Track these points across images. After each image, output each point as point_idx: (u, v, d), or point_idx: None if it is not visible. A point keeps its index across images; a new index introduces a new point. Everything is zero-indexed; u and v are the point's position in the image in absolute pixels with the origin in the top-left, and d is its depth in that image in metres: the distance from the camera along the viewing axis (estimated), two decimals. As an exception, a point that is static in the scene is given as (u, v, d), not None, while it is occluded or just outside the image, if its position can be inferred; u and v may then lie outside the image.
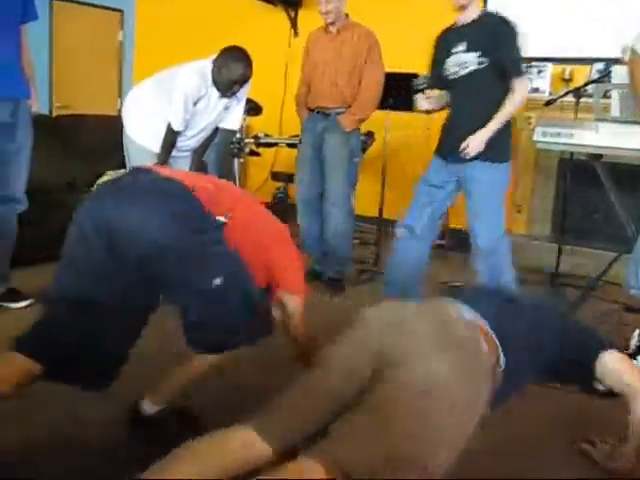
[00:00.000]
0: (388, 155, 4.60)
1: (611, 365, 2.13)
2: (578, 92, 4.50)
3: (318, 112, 4.34)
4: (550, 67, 5.47)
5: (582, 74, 5.35)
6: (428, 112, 3.69)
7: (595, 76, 5.01)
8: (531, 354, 2.07)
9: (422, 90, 3.57)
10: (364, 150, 6.07)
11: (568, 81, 5.47)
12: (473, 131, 3.38)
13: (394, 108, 4.51)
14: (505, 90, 3.38)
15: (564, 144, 4.13)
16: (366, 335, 1.89)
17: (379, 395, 1.69)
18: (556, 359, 2.15)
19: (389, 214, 5.27)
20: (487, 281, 3.55)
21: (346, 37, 4.23)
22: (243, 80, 3.72)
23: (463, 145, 3.38)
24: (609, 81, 4.70)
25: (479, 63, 3.36)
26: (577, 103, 4.51)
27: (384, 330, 1.87)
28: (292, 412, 1.77)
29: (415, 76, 4.29)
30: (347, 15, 4.32)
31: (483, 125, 3.37)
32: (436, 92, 3.61)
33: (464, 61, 3.39)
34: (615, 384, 2.13)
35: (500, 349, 1.94)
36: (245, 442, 1.68)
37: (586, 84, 4.62)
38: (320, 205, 4.43)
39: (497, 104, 3.38)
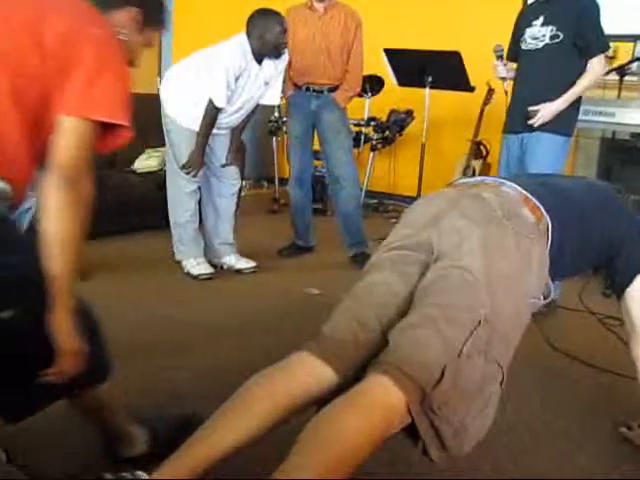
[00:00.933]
0: (427, 134, 4.58)
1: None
2: (622, 70, 4.43)
3: (308, 89, 4.32)
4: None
5: (626, 51, 5.25)
6: (503, 79, 3.74)
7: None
8: (580, 238, 1.97)
9: (501, 57, 3.69)
10: (403, 128, 6.07)
11: (611, 59, 5.36)
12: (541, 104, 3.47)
13: (434, 86, 4.48)
14: (578, 67, 3.44)
15: (606, 123, 4.08)
16: (412, 233, 1.86)
17: (438, 284, 1.66)
18: (606, 252, 2.07)
19: (427, 193, 5.25)
20: None
21: (334, 15, 4.23)
22: (285, 31, 3.74)
23: (532, 110, 3.46)
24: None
25: (552, 37, 3.43)
26: (621, 81, 4.44)
27: (428, 228, 1.83)
28: (349, 325, 1.69)
29: (456, 54, 4.28)
30: None
31: (550, 100, 3.44)
32: (513, 65, 3.71)
33: (540, 34, 3.48)
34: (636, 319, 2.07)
35: (547, 217, 1.86)
36: (306, 368, 1.63)
37: (630, 62, 4.56)
38: (309, 180, 4.49)
39: (567, 80, 3.45)
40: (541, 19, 3.50)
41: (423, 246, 1.79)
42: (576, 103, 3.51)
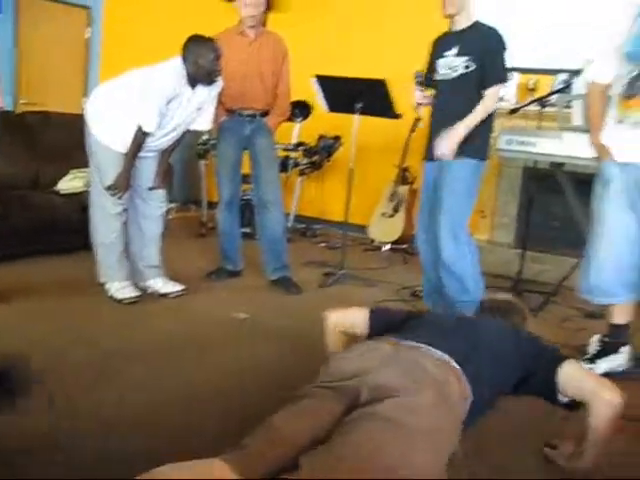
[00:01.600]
0: (355, 159, 4.63)
1: (571, 374, 2.21)
2: (542, 101, 4.59)
3: (241, 114, 4.34)
4: (516, 76, 5.55)
5: (546, 84, 5.44)
6: (419, 105, 3.92)
7: (559, 86, 5.08)
8: (496, 376, 2.18)
9: (420, 83, 3.83)
10: (330, 154, 6.12)
11: (533, 90, 5.56)
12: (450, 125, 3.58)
13: (363, 113, 4.54)
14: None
15: (527, 152, 4.19)
16: (344, 375, 1.98)
17: (358, 427, 1.75)
18: (521, 376, 2.26)
19: (355, 218, 5.30)
20: (452, 289, 3.69)
21: (263, 42, 4.30)
22: (219, 58, 3.74)
23: (435, 148, 3.60)
24: (572, 91, 4.79)
25: (466, 67, 3.55)
26: (541, 112, 4.60)
27: (361, 372, 1.96)
28: (267, 445, 1.77)
29: (382, 83, 4.35)
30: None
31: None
32: (430, 91, 3.85)
33: (454, 64, 3.60)
34: (576, 392, 2.19)
35: (467, 382, 2.03)
36: (216, 473, 1.67)
37: (550, 94, 4.71)
38: (238, 204, 4.50)
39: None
40: (455, 49, 3.61)
41: (351, 391, 1.92)
42: (485, 128, 3.62)
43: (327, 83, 4.58)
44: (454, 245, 3.64)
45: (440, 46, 3.74)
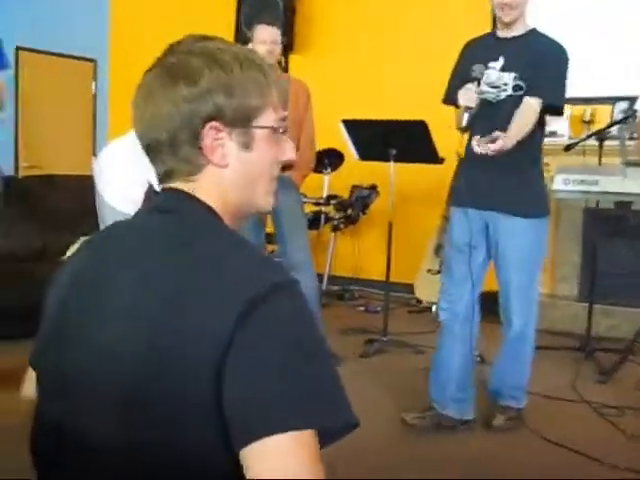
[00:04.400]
0: (394, 210, 4.64)
1: None
2: (601, 134, 4.57)
3: None
4: (569, 108, 5.55)
5: (604, 115, 5.43)
6: (468, 109, 3.19)
7: (619, 116, 5.08)
8: None
9: (477, 80, 3.19)
10: (367, 206, 6.15)
11: (589, 123, 5.55)
12: (502, 177, 3.23)
13: (398, 159, 4.56)
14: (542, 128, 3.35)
15: (588, 192, 4.17)
16: None
17: None
18: None
19: (397, 277, 5.28)
20: (511, 374, 3.46)
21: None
22: None
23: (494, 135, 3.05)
24: (634, 121, 4.78)
25: (515, 88, 3.19)
26: (600, 146, 4.58)
27: None
28: None
29: (421, 123, 4.38)
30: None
31: (513, 171, 3.22)
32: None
33: (501, 82, 3.22)
34: None
35: None
36: None
37: (609, 125, 4.69)
38: None
39: (531, 145, 3.24)
40: (501, 61, 3.23)
41: None
42: (538, 177, 3.36)
43: (355, 128, 4.63)
44: (529, 317, 3.38)
45: (481, 53, 3.31)
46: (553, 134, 5.50)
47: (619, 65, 5.47)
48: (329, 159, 6.01)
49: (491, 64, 3.24)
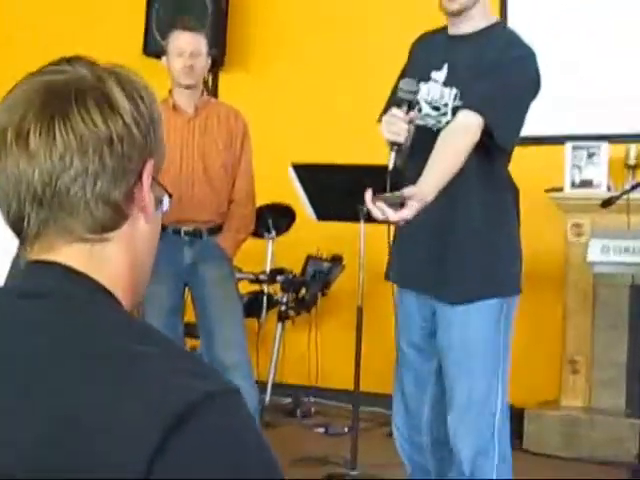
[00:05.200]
0: (366, 291, 4.58)
1: None
2: (652, 184, 4.61)
3: (178, 232, 4.35)
4: (606, 148, 5.60)
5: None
6: (396, 145, 3.08)
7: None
8: None
9: (408, 103, 3.00)
10: (327, 284, 6.11)
11: (634, 168, 5.59)
12: (440, 244, 3.18)
13: (370, 219, 4.53)
14: (499, 171, 3.16)
15: (635, 264, 4.17)
16: None
17: None
18: None
19: (370, 385, 5.23)
20: None
21: (209, 117, 4.41)
22: None
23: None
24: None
25: (456, 111, 3.07)
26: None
27: None
28: None
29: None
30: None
31: (456, 234, 3.14)
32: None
33: (442, 102, 3.12)
34: None
35: None
36: None
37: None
38: None
39: (487, 192, 3.13)
40: (444, 71, 3.13)
41: None
42: (504, 235, 3.23)
43: (311, 175, 4.61)
44: (486, 446, 3.22)
45: (425, 55, 3.27)
46: (586, 184, 5.53)
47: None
48: (274, 218, 5.98)
49: (434, 74, 3.14)
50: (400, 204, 2.73)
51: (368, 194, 2.82)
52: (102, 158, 1.14)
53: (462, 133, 2.94)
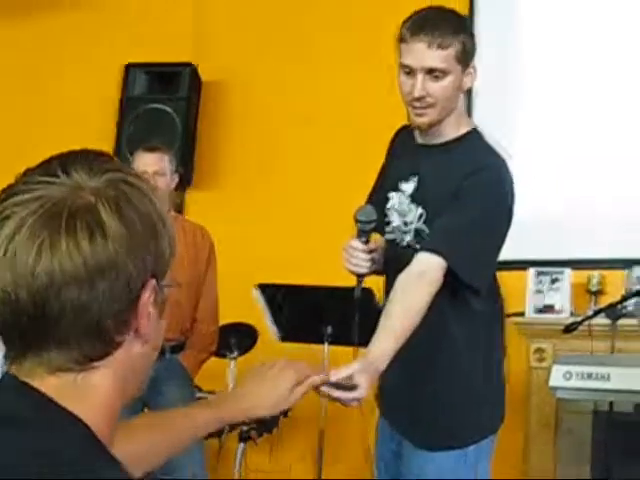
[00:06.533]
0: (327, 414, 4.55)
1: None
2: (614, 310, 4.62)
3: None
4: (568, 274, 5.63)
5: (617, 283, 5.52)
6: (359, 276, 3.04)
7: (636, 286, 5.16)
8: None
9: (364, 233, 2.90)
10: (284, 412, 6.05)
11: (597, 294, 5.62)
12: (410, 380, 2.99)
13: (335, 341, 4.52)
14: (467, 311, 2.90)
15: (598, 390, 4.17)
16: None
17: None
18: None
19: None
20: None
21: (177, 234, 4.36)
22: None
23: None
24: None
25: (417, 235, 2.91)
26: (613, 327, 4.62)
27: None
28: None
29: (367, 290, 4.37)
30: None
31: (427, 379, 2.96)
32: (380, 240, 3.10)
33: (408, 218, 2.93)
34: None
35: None
36: None
37: (625, 298, 4.75)
38: None
39: (461, 334, 2.93)
40: (412, 183, 2.93)
41: None
42: (482, 372, 3.02)
43: (276, 295, 4.61)
44: None
45: (398, 161, 3.08)
46: (548, 309, 5.55)
47: (635, 217, 5.61)
48: (236, 338, 5.93)
49: (402, 185, 2.95)
50: (352, 386, 2.45)
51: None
52: (93, 287, 1.08)
53: (415, 285, 2.72)
